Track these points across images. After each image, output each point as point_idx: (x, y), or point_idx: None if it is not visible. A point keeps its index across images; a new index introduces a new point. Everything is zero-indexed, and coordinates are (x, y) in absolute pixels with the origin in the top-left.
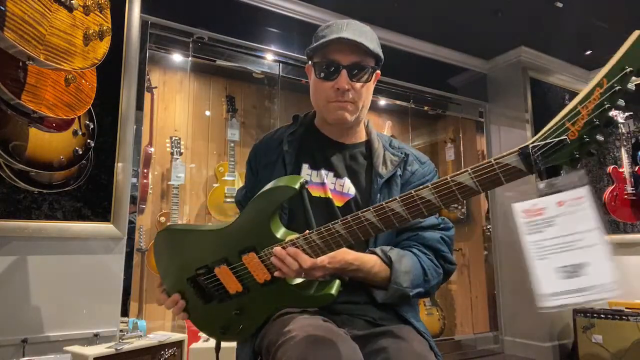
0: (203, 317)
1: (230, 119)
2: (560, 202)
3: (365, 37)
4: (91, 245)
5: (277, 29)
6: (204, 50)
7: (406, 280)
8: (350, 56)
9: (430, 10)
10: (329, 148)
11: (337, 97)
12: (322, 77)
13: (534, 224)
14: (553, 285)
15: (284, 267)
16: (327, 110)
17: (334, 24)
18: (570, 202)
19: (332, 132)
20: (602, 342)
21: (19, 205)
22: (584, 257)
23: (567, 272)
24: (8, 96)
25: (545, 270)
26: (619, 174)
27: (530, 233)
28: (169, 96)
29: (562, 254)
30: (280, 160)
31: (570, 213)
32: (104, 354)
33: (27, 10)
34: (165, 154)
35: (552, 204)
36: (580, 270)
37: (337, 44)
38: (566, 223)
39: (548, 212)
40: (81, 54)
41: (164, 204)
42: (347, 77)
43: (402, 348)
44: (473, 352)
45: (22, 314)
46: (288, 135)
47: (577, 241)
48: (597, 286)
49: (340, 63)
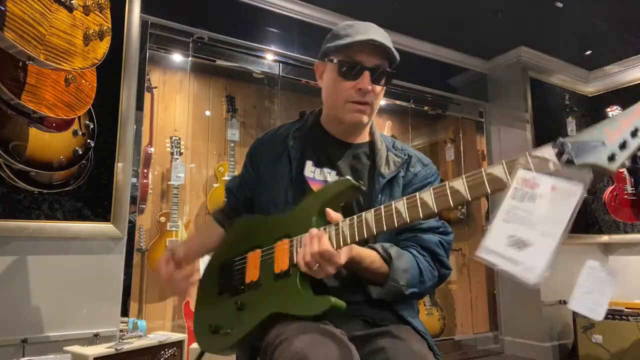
0: (205, 308)
1: (230, 119)
2: (554, 187)
3: (388, 42)
4: (91, 245)
5: (277, 29)
6: (204, 50)
7: (403, 279)
8: (374, 59)
9: (430, 10)
10: (334, 147)
11: (358, 97)
12: (344, 76)
13: (522, 192)
14: (497, 244)
15: (305, 248)
16: (344, 109)
17: (356, 25)
18: (561, 192)
19: (338, 131)
20: (602, 342)
21: (19, 205)
22: (535, 239)
23: (514, 241)
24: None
25: (501, 230)
26: (619, 174)
27: (513, 197)
28: (169, 96)
29: (522, 227)
30: (285, 155)
31: (554, 200)
32: (104, 354)
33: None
34: (165, 154)
35: (547, 186)
36: (524, 246)
37: (362, 45)
38: (544, 206)
39: (539, 190)
40: (81, 54)
41: (164, 204)
42: (369, 79)
43: (401, 348)
44: (473, 352)
45: (22, 314)
46: (294, 131)
47: (540, 224)
48: (527, 266)
49: (364, 65)
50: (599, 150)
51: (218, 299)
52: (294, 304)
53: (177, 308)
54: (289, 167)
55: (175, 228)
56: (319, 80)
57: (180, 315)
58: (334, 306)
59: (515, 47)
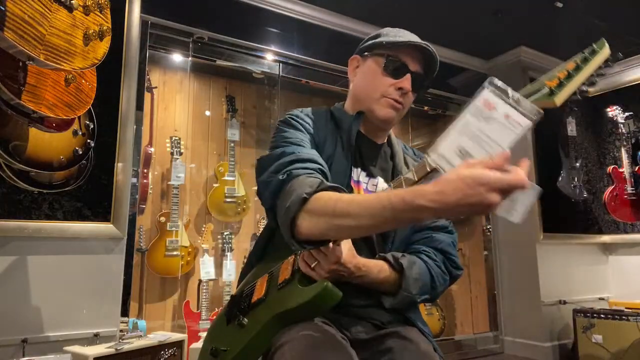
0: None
1: (230, 119)
2: (507, 116)
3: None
4: (91, 245)
5: (277, 29)
6: (204, 50)
7: (415, 287)
8: (418, 65)
9: (430, 10)
10: (365, 146)
11: (395, 95)
12: (388, 72)
13: (480, 112)
14: (448, 151)
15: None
16: (378, 103)
17: (405, 31)
18: (513, 121)
19: (367, 129)
20: (602, 342)
21: (19, 205)
22: (477, 154)
23: (461, 152)
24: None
25: (454, 140)
26: (619, 174)
27: (472, 114)
28: (169, 96)
29: (471, 141)
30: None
31: (504, 126)
32: (104, 354)
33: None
34: (165, 154)
35: (502, 112)
36: (467, 157)
37: (412, 48)
38: (495, 129)
39: (495, 113)
40: (81, 54)
41: (164, 204)
42: (410, 82)
43: (408, 348)
44: (473, 352)
45: (22, 314)
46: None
47: (487, 144)
48: None
49: (409, 67)
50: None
51: (224, 328)
52: (292, 299)
53: (177, 308)
54: (345, 167)
55: (175, 228)
56: (350, 73)
57: (180, 315)
58: (328, 291)
59: (515, 47)
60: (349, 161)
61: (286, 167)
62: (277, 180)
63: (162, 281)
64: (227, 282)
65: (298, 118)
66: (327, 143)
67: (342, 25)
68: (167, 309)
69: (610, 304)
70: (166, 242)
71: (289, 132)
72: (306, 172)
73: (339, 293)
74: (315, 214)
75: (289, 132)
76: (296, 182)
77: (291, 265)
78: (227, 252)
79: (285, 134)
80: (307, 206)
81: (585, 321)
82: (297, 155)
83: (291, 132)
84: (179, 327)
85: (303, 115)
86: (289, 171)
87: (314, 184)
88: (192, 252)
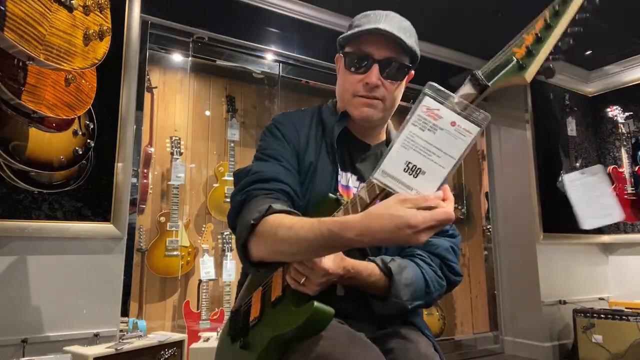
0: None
1: (230, 119)
2: (453, 123)
3: (404, 32)
4: (91, 245)
5: (277, 29)
6: (204, 50)
7: (406, 294)
8: (385, 50)
9: (430, 10)
10: (354, 148)
11: (365, 92)
12: (351, 69)
13: (424, 121)
14: (393, 168)
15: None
16: (352, 105)
17: (371, 14)
18: (460, 129)
19: (356, 129)
20: (602, 342)
21: (19, 205)
22: (428, 168)
23: (409, 168)
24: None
25: (399, 155)
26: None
27: (415, 124)
28: (169, 96)
29: (419, 155)
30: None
31: (451, 135)
32: (104, 354)
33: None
34: (165, 154)
35: (448, 120)
36: (417, 173)
37: (372, 35)
38: (442, 139)
39: (440, 122)
40: (81, 54)
41: (164, 204)
42: (379, 73)
43: (409, 348)
44: (473, 352)
45: (22, 314)
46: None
47: (436, 156)
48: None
49: (373, 56)
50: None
51: (231, 347)
52: (284, 322)
53: (177, 308)
54: (331, 171)
55: (175, 228)
56: (337, 73)
57: (180, 315)
58: (318, 313)
59: None
60: (334, 165)
61: (247, 186)
62: (237, 201)
63: (162, 281)
64: (227, 282)
65: (279, 125)
66: (310, 148)
67: (342, 25)
68: (167, 309)
69: (610, 304)
70: (166, 242)
71: (268, 142)
72: (264, 193)
73: (330, 312)
74: (262, 239)
75: (267, 142)
76: (252, 203)
77: (281, 279)
78: (227, 252)
79: (263, 143)
80: (255, 231)
81: (585, 321)
82: (259, 175)
83: (269, 143)
84: (179, 327)
85: (286, 121)
86: (248, 191)
87: (263, 208)
88: (192, 252)
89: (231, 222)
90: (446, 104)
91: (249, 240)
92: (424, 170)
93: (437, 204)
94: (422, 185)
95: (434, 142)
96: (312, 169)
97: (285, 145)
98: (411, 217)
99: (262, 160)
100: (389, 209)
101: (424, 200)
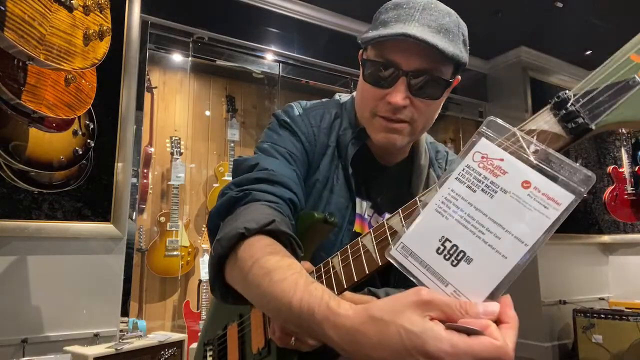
0: None
1: (230, 119)
2: (527, 184)
3: (444, 35)
4: (91, 245)
5: (277, 29)
6: (204, 50)
7: None
8: (417, 60)
9: None
10: (369, 169)
11: (387, 112)
12: (372, 81)
13: (473, 175)
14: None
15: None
16: (371, 125)
17: (405, 5)
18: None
19: (375, 148)
20: (602, 342)
21: (19, 205)
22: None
23: (444, 246)
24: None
25: (430, 224)
26: (619, 174)
27: (459, 180)
28: (169, 96)
29: (463, 230)
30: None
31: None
32: (104, 354)
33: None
34: (165, 154)
35: (518, 177)
36: (459, 259)
37: (397, 40)
38: (507, 209)
39: (504, 180)
40: (81, 54)
41: (164, 204)
42: (407, 89)
43: None
44: None
45: (22, 314)
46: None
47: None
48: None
49: (400, 67)
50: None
51: None
52: None
53: (177, 308)
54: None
55: (175, 228)
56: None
57: (180, 315)
58: None
59: (515, 47)
60: (350, 191)
61: (250, 184)
62: (230, 197)
63: (162, 281)
64: None
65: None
66: (325, 162)
67: (342, 25)
68: (167, 309)
69: (610, 304)
70: (166, 242)
71: (282, 136)
72: (269, 199)
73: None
74: (237, 264)
75: (281, 136)
76: (250, 208)
77: (262, 322)
78: None
79: (276, 136)
80: (242, 245)
81: (585, 321)
82: (268, 174)
83: (283, 138)
84: (179, 327)
85: (306, 120)
86: (249, 190)
87: (266, 220)
88: (192, 252)
89: (214, 219)
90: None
91: (229, 254)
92: (470, 257)
93: (486, 326)
94: (465, 282)
95: (491, 213)
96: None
97: (300, 149)
98: (432, 339)
99: (272, 156)
100: (397, 316)
101: (463, 309)
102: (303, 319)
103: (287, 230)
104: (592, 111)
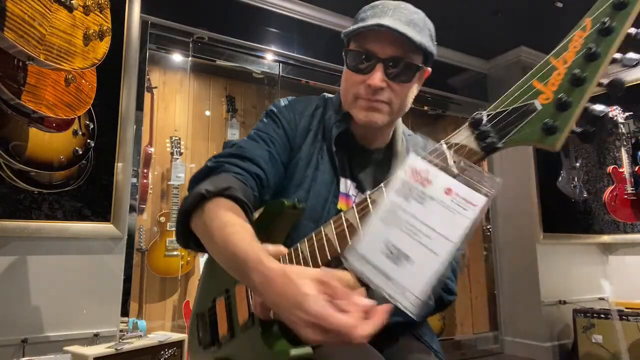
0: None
1: (230, 119)
2: (449, 191)
3: (412, 27)
4: (91, 245)
5: (277, 29)
6: (204, 50)
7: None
8: (391, 48)
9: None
10: (353, 152)
11: (367, 95)
12: (353, 68)
13: (409, 187)
14: (370, 250)
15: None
16: (354, 107)
17: (379, 5)
18: (459, 199)
19: (357, 131)
20: (602, 342)
21: (19, 205)
22: (416, 254)
23: (390, 251)
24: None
25: (377, 233)
26: (619, 174)
27: (397, 192)
28: (169, 96)
29: (403, 234)
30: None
31: (447, 208)
32: (104, 354)
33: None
34: (165, 154)
35: (441, 186)
36: (401, 260)
37: (374, 31)
38: (434, 213)
39: (430, 189)
40: (81, 54)
41: (164, 204)
42: (383, 74)
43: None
44: (473, 352)
45: (22, 314)
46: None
47: (426, 237)
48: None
49: (376, 55)
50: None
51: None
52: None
53: (177, 308)
54: (331, 176)
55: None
56: None
57: (180, 315)
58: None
59: (515, 47)
60: (334, 170)
61: (223, 157)
62: (206, 166)
63: (162, 281)
64: None
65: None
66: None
67: (342, 25)
68: (167, 309)
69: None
70: (166, 242)
71: (266, 125)
72: (236, 171)
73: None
74: (201, 220)
75: (265, 124)
76: (218, 175)
77: (244, 299)
78: None
79: (261, 125)
80: (203, 205)
81: (585, 321)
82: (240, 151)
83: (267, 126)
84: (179, 327)
85: (289, 110)
86: (221, 162)
87: (223, 186)
88: (192, 252)
89: (192, 183)
90: (440, 165)
91: (193, 211)
92: (408, 256)
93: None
94: (406, 278)
95: (422, 217)
96: (309, 170)
97: (281, 134)
98: (312, 301)
99: (253, 139)
100: (300, 279)
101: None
102: (239, 265)
103: (241, 196)
104: (500, 131)
